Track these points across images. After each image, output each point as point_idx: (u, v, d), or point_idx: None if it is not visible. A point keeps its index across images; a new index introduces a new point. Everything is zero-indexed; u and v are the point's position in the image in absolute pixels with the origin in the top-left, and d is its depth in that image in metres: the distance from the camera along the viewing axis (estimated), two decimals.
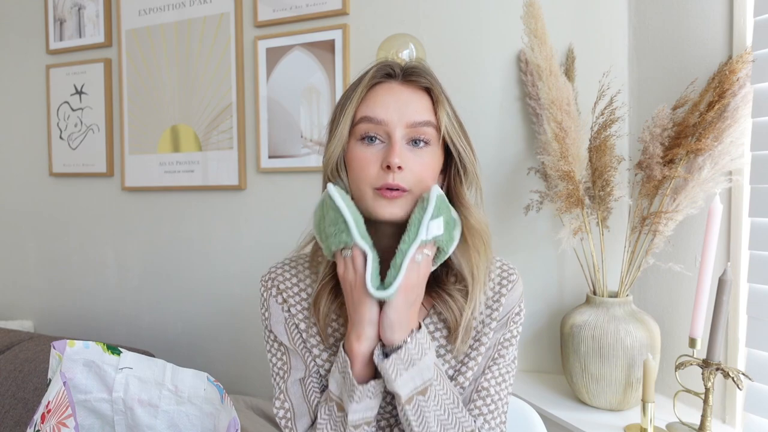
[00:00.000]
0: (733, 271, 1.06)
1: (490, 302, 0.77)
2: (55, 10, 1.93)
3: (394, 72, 0.72)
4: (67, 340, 0.83)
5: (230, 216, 1.71)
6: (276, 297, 0.78)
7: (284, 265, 0.81)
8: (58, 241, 1.98)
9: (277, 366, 0.78)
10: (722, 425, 1.07)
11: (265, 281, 0.81)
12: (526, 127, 1.37)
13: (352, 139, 0.72)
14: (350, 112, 0.71)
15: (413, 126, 0.69)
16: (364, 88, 0.72)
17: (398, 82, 0.72)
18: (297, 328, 0.77)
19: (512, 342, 0.77)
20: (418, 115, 0.70)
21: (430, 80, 0.72)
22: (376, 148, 0.70)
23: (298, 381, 0.76)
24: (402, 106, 0.70)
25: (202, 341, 1.77)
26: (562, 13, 1.31)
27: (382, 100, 0.70)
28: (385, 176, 0.68)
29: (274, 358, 0.79)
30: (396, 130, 0.69)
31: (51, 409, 0.72)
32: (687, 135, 1.08)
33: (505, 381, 0.76)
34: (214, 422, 0.82)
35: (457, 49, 1.42)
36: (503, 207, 1.38)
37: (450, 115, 0.72)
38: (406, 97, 0.71)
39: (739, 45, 1.05)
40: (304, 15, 1.55)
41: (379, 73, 0.72)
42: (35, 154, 2.01)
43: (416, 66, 0.73)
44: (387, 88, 0.72)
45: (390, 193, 0.68)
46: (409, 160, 0.69)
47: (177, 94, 1.75)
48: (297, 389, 0.75)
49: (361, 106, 0.71)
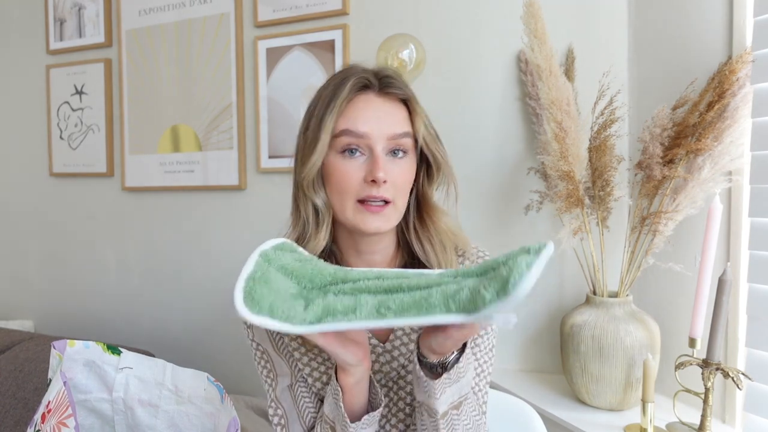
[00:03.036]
0: (733, 271, 1.06)
1: None
2: (55, 10, 1.93)
3: (370, 83, 0.73)
4: (68, 340, 0.83)
5: (230, 216, 1.71)
6: None
7: None
8: (58, 241, 1.98)
9: (264, 374, 0.78)
10: (722, 425, 1.07)
11: None
12: (526, 127, 1.37)
13: (332, 151, 0.72)
14: (329, 125, 0.71)
15: (393, 138, 0.71)
16: (343, 101, 0.72)
17: (375, 93, 0.73)
18: (282, 338, 0.77)
19: (488, 330, 0.77)
20: (398, 127, 0.72)
21: (406, 92, 0.74)
22: (357, 161, 0.71)
23: (286, 388, 0.76)
24: (381, 118, 0.71)
25: (202, 341, 1.77)
26: (562, 13, 1.31)
27: (362, 115, 0.71)
28: (368, 188, 0.70)
29: (259, 366, 0.79)
30: (378, 144, 0.70)
31: (51, 408, 0.72)
32: (687, 135, 1.08)
33: (483, 371, 0.75)
34: (214, 422, 0.82)
35: (457, 49, 1.42)
36: (503, 207, 1.38)
37: (426, 124, 0.74)
38: (386, 110, 0.72)
39: (738, 45, 1.05)
40: (304, 15, 1.55)
41: (356, 86, 0.73)
42: (35, 154, 2.01)
43: (392, 77, 0.74)
44: (365, 100, 0.73)
45: (375, 207, 0.70)
46: (391, 172, 0.71)
47: (177, 94, 1.75)
48: (286, 396, 0.76)
49: (340, 119, 0.71)
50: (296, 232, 0.76)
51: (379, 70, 0.75)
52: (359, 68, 0.75)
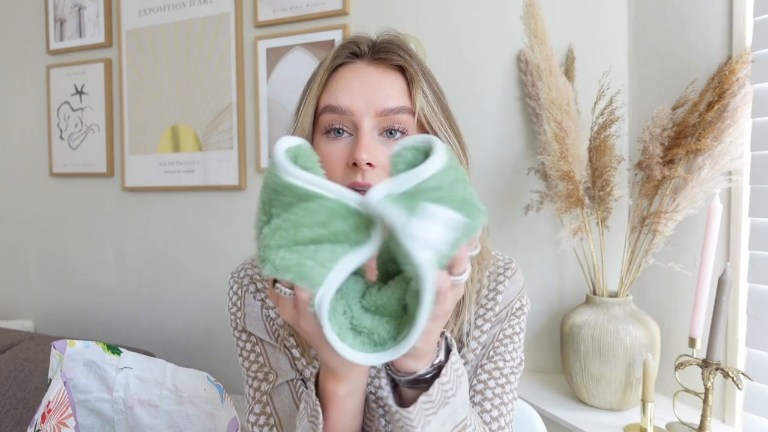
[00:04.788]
0: (732, 271, 1.06)
1: (484, 300, 0.66)
2: (55, 10, 1.93)
3: (360, 50, 0.61)
4: (68, 340, 0.83)
5: (230, 216, 1.71)
6: (254, 294, 0.68)
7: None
8: (58, 241, 1.98)
9: (253, 369, 0.65)
10: (722, 425, 1.07)
11: (239, 278, 0.70)
12: (526, 127, 1.37)
13: (317, 132, 0.61)
14: (311, 101, 0.60)
15: (384, 114, 0.58)
16: (325, 71, 0.61)
17: (365, 61, 0.61)
18: (279, 333, 0.66)
19: (514, 340, 0.65)
20: (390, 101, 0.58)
21: (403, 56, 0.61)
22: (343, 142, 0.59)
23: (286, 383, 0.64)
24: (370, 90, 0.58)
25: (202, 341, 1.77)
26: (562, 13, 1.31)
27: (346, 85, 0.59)
28: (353, 174, 0.56)
29: (246, 362, 0.66)
30: (364, 120, 0.58)
31: (51, 408, 0.72)
32: (687, 135, 1.08)
33: (509, 383, 0.63)
34: (214, 422, 0.82)
35: (457, 49, 1.42)
36: (503, 207, 1.38)
37: (429, 96, 0.61)
38: (375, 79, 0.59)
39: (738, 45, 1.05)
40: (304, 15, 1.55)
41: (343, 53, 0.61)
42: (35, 154, 2.01)
43: (387, 40, 0.62)
44: (352, 69, 0.60)
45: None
46: (381, 154, 0.57)
47: (177, 94, 1.75)
48: (286, 391, 0.63)
49: (324, 94, 0.60)
50: None
51: (378, 36, 0.64)
52: (359, 36, 0.64)
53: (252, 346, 0.67)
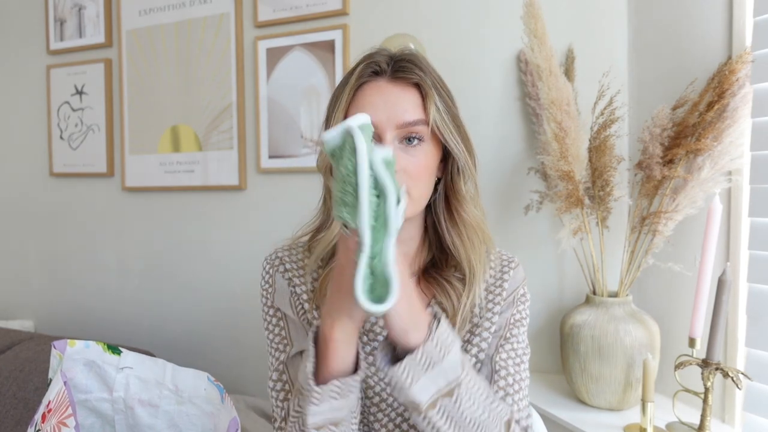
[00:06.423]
0: (732, 271, 1.06)
1: (491, 287, 0.78)
2: (55, 10, 1.93)
3: (381, 68, 0.70)
4: (68, 340, 0.83)
5: (230, 216, 1.71)
6: (283, 274, 0.79)
7: (290, 249, 0.81)
8: (58, 241, 1.98)
9: (276, 341, 0.76)
10: (722, 425, 1.07)
11: (271, 260, 0.81)
12: (526, 127, 1.37)
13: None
14: (339, 116, 0.70)
15: (404, 126, 0.68)
16: (351, 89, 0.70)
17: (386, 79, 0.70)
18: (302, 308, 0.76)
19: (523, 324, 0.78)
20: (407, 115, 0.68)
21: (419, 74, 0.70)
22: None
23: (299, 354, 0.73)
24: (391, 106, 0.68)
25: (202, 341, 1.77)
26: (562, 13, 1.31)
27: (370, 102, 0.69)
28: None
29: (271, 334, 0.77)
30: (387, 132, 0.68)
31: (51, 408, 0.72)
32: (687, 135, 1.08)
33: (523, 362, 0.76)
34: (215, 422, 0.82)
35: (457, 49, 1.42)
36: (503, 207, 1.38)
37: (441, 109, 0.70)
38: (395, 96, 0.69)
39: (738, 45, 1.05)
40: (304, 15, 1.55)
41: (366, 71, 0.70)
42: (35, 154, 2.01)
43: (405, 59, 0.71)
44: (375, 87, 0.70)
45: None
46: (403, 160, 0.67)
47: (177, 94, 1.75)
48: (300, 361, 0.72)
49: (350, 108, 0.70)
50: (320, 219, 0.77)
51: (396, 54, 0.72)
52: (379, 53, 0.72)
53: (277, 320, 0.77)
